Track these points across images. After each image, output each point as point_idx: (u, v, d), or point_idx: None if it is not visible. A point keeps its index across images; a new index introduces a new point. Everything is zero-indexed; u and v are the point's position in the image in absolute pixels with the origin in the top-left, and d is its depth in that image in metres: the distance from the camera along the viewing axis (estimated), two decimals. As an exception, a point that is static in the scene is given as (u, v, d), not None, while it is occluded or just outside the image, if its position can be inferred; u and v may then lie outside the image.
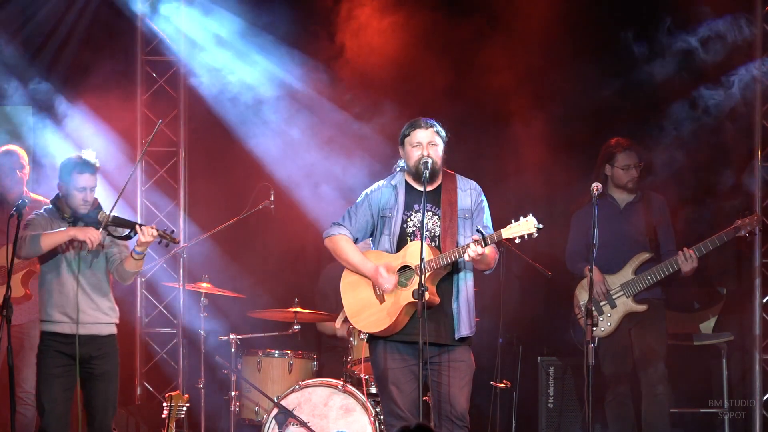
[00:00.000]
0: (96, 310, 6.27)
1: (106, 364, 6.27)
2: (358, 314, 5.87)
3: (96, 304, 6.27)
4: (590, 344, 5.84)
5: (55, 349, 6.22)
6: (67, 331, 6.21)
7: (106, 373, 6.26)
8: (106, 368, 6.27)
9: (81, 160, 6.26)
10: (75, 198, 6.22)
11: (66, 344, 6.21)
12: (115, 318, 6.38)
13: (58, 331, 6.22)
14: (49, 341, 6.24)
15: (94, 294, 6.27)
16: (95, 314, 6.26)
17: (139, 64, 8.91)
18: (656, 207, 7.47)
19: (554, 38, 8.35)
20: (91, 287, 6.26)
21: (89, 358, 6.22)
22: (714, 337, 8.12)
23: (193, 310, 8.38)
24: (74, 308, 6.19)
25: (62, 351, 6.22)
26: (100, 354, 6.26)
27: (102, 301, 6.30)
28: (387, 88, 8.49)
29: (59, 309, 6.21)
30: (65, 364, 6.21)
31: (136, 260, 6.20)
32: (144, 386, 8.86)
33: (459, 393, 5.74)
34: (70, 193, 6.23)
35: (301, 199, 8.72)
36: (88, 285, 6.26)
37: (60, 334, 6.22)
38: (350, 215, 5.96)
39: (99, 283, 6.30)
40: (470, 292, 5.85)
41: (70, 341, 6.20)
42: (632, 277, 7.30)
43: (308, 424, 7.10)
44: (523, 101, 8.40)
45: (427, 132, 5.83)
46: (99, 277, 6.30)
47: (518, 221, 5.62)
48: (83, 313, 6.20)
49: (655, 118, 8.33)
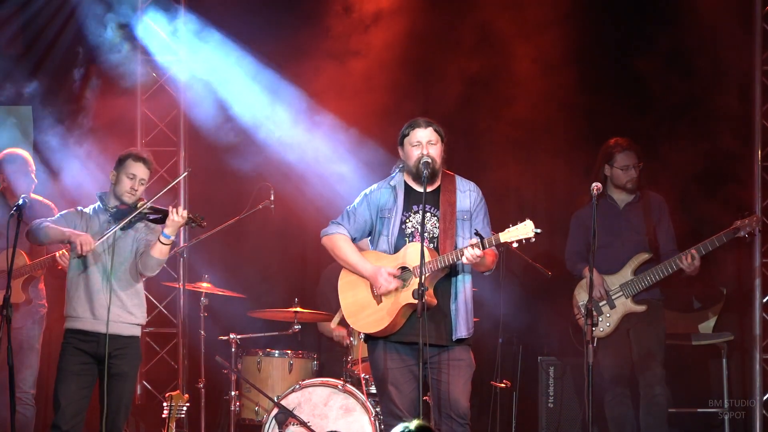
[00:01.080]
0: (121, 308, 6.27)
1: (125, 365, 6.27)
2: (355, 314, 5.87)
3: (122, 302, 6.28)
4: (590, 344, 5.84)
5: (75, 346, 6.23)
6: (88, 328, 6.22)
7: (123, 374, 6.26)
8: (124, 369, 6.26)
9: (139, 151, 6.44)
10: (124, 184, 6.30)
11: (87, 342, 6.22)
12: (140, 318, 6.38)
13: (79, 328, 6.22)
14: (71, 338, 6.25)
15: (122, 291, 6.28)
16: (119, 312, 6.26)
17: (139, 64, 8.91)
18: (656, 207, 7.47)
19: (553, 41, 8.37)
20: (118, 283, 6.27)
21: (108, 357, 6.22)
22: (714, 336, 8.12)
23: (193, 310, 8.38)
24: (100, 304, 6.21)
25: (82, 349, 6.22)
26: (120, 354, 6.25)
27: (129, 298, 6.30)
28: (388, 90, 8.49)
29: (83, 304, 6.22)
30: (85, 362, 6.22)
31: (163, 244, 6.18)
32: (144, 386, 8.85)
33: (459, 391, 5.74)
34: (120, 179, 6.31)
35: (302, 199, 8.72)
36: (116, 281, 6.26)
37: (81, 331, 6.23)
38: (349, 215, 5.95)
39: (127, 279, 6.30)
40: (468, 293, 5.84)
41: (91, 339, 6.21)
42: (631, 277, 7.30)
43: (308, 423, 7.10)
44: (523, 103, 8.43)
45: (427, 131, 5.83)
46: (128, 273, 6.30)
47: (516, 225, 5.62)
48: (107, 309, 6.21)
49: (654, 117, 8.33)
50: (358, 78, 8.50)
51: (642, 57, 8.22)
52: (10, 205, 7.22)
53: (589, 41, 8.40)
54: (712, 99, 8.27)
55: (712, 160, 8.26)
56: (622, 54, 8.41)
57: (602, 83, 8.38)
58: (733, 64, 8.28)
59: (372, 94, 8.44)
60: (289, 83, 8.69)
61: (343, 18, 8.57)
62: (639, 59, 8.21)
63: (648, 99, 8.38)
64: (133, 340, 6.35)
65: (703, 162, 8.24)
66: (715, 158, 8.26)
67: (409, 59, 8.57)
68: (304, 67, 8.63)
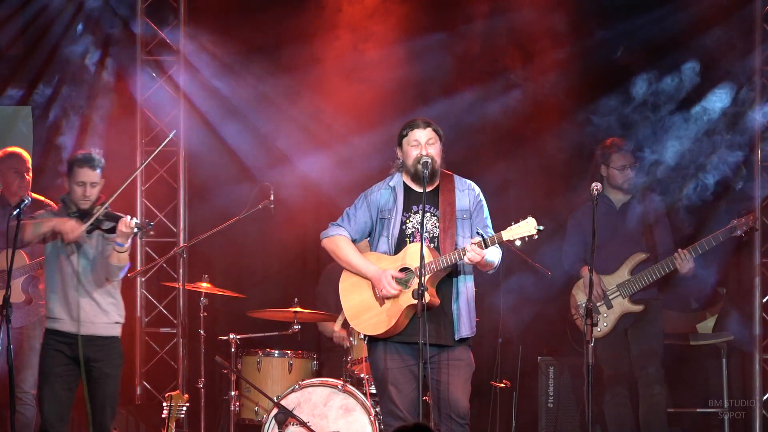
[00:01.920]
0: (96, 308, 6.26)
1: (106, 367, 6.26)
2: (358, 316, 5.85)
3: (96, 302, 6.27)
4: (590, 344, 5.84)
5: (54, 348, 6.22)
6: (66, 329, 6.21)
7: (105, 376, 6.25)
8: (105, 371, 6.26)
9: (82, 155, 6.29)
10: (75, 193, 6.25)
11: (66, 344, 6.21)
12: (116, 316, 6.35)
13: (57, 329, 6.22)
14: (50, 340, 6.24)
15: (93, 290, 6.27)
16: (94, 312, 6.25)
17: (139, 64, 8.91)
18: (652, 207, 7.47)
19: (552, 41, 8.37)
20: (90, 284, 6.26)
21: (87, 359, 6.22)
22: (714, 337, 8.12)
23: (193, 310, 8.38)
24: (74, 306, 6.19)
25: (62, 350, 6.22)
26: (99, 356, 6.25)
27: (103, 298, 6.29)
28: (387, 90, 8.49)
29: (59, 306, 6.22)
30: (65, 363, 6.21)
31: (118, 252, 6.16)
32: (144, 386, 8.85)
33: (459, 391, 5.73)
34: (71, 187, 6.26)
35: (302, 199, 8.72)
36: (88, 282, 6.25)
37: (60, 332, 6.22)
38: (349, 216, 5.94)
39: (99, 279, 6.29)
40: (470, 293, 5.84)
41: (69, 340, 6.20)
42: (628, 277, 7.30)
43: (308, 423, 7.10)
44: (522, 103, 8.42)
45: (426, 131, 5.82)
46: (98, 273, 6.29)
47: (518, 223, 5.61)
48: (82, 310, 6.20)
49: (653, 117, 8.32)
50: (358, 76, 8.50)
51: (642, 56, 8.22)
52: (9, 204, 7.22)
53: (582, 37, 8.39)
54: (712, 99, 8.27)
55: (711, 159, 8.24)
56: (621, 52, 8.40)
57: (599, 82, 8.37)
58: (733, 64, 8.27)
59: (373, 94, 8.45)
60: (289, 83, 8.70)
61: (342, 18, 8.57)
62: (639, 58, 8.21)
63: (647, 98, 8.37)
64: (113, 341, 6.33)
65: (702, 162, 8.22)
66: (715, 158, 8.25)
67: (409, 58, 8.57)
68: (304, 66, 8.63)
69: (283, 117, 8.78)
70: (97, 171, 6.27)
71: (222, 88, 8.77)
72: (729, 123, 8.24)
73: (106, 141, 8.57)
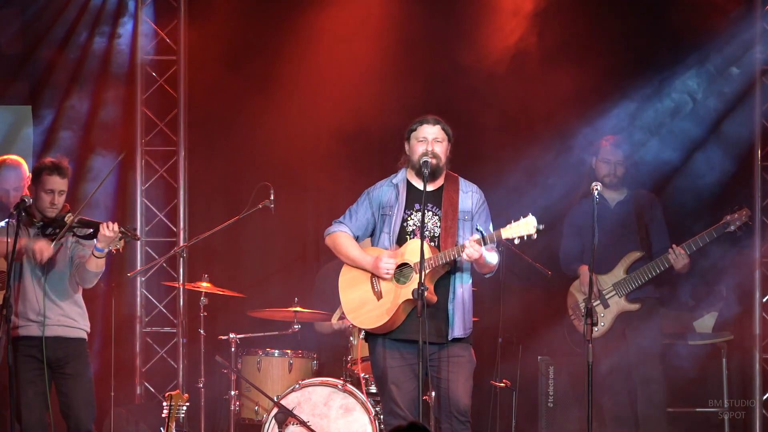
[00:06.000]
0: (63, 315, 6.25)
1: (78, 365, 6.26)
2: (355, 310, 5.87)
3: (63, 310, 6.25)
4: (590, 343, 5.84)
5: (24, 353, 6.18)
6: (34, 333, 6.19)
7: (77, 374, 6.25)
8: (78, 369, 6.25)
9: (51, 163, 6.23)
10: (43, 201, 6.19)
11: (35, 347, 6.18)
12: (83, 324, 6.34)
13: (25, 334, 6.19)
14: (20, 345, 6.18)
15: (60, 300, 6.24)
16: (61, 318, 6.24)
17: (139, 64, 8.91)
18: (647, 205, 7.48)
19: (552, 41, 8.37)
20: (56, 293, 6.24)
21: (58, 359, 6.22)
22: (713, 336, 8.12)
23: (193, 309, 8.38)
24: (38, 312, 6.16)
25: (32, 355, 6.19)
26: (71, 355, 6.24)
27: (69, 307, 6.28)
28: (388, 90, 8.49)
29: (23, 315, 6.18)
30: (36, 368, 6.18)
31: (97, 258, 6.12)
32: (144, 386, 8.85)
33: (460, 389, 5.75)
34: (38, 195, 6.19)
35: (301, 198, 8.72)
36: (53, 291, 6.23)
37: (28, 337, 6.19)
38: (351, 213, 5.98)
39: (65, 290, 6.27)
40: (467, 293, 5.85)
41: (38, 344, 6.17)
42: (624, 276, 7.31)
43: (308, 423, 7.10)
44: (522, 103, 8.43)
45: (434, 128, 5.87)
46: (64, 283, 6.27)
47: (518, 221, 5.62)
48: (48, 318, 6.18)
49: (652, 116, 8.33)
50: (358, 76, 8.51)
51: (641, 56, 8.22)
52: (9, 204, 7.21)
53: (584, 35, 8.39)
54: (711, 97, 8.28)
55: (711, 159, 8.25)
56: (620, 52, 8.39)
57: (597, 81, 8.36)
58: (733, 64, 8.27)
59: (374, 91, 8.45)
60: (289, 82, 8.70)
61: (342, 18, 8.59)
62: (637, 58, 8.22)
63: (646, 98, 8.37)
64: (81, 343, 6.33)
65: (701, 161, 8.23)
66: (715, 157, 8.26)
67: (408, 57, 8.58)
68: (304, 66, 8.63)
69: (283, 117, 8.77)
70: (65, 179, 6.23)
71: (222, 88, 8.76)
72: (728, 122, 8.25)
73: (105, 141, 8.58)
